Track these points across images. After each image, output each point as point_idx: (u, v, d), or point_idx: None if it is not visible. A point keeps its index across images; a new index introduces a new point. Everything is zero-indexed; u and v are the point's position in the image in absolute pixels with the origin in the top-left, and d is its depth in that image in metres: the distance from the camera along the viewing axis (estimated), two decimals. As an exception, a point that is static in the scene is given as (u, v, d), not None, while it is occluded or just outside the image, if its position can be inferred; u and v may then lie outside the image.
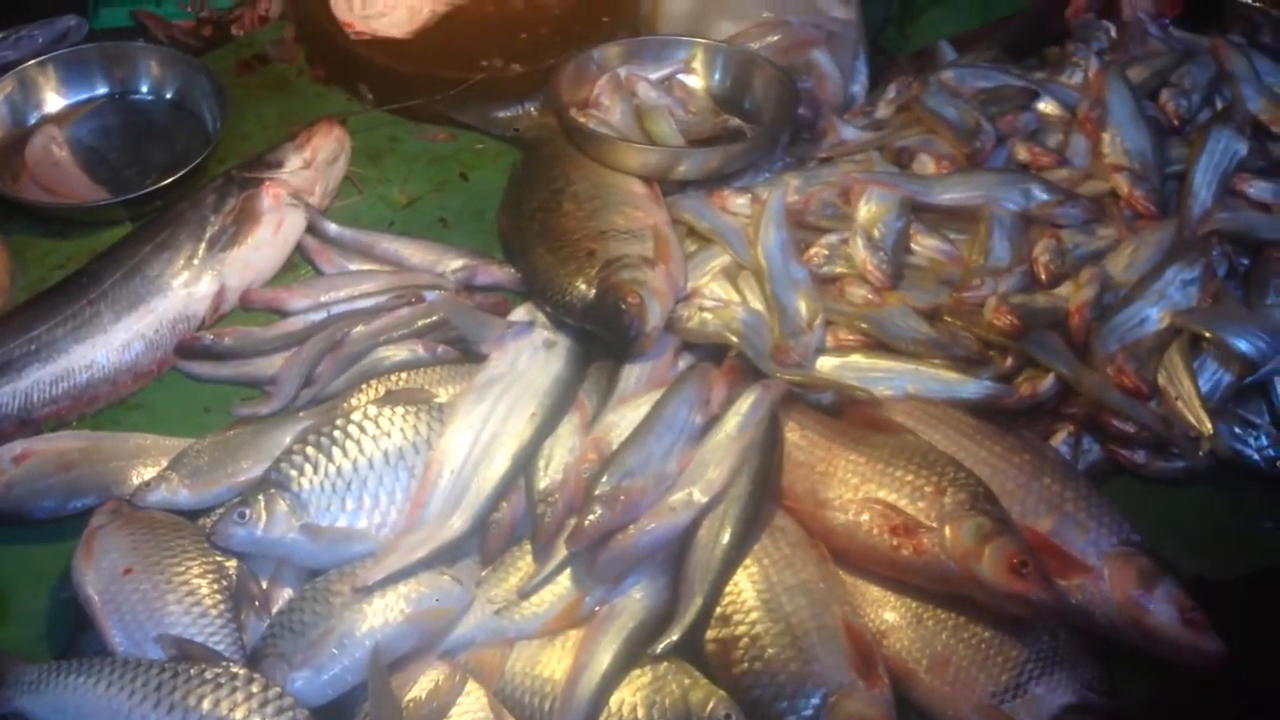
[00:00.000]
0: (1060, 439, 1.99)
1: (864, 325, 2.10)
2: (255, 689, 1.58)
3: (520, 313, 2.15)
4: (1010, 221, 2.22)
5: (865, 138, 2.46)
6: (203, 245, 2.23)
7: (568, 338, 2.07)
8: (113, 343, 2.11)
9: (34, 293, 2.21)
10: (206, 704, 1.55)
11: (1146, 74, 2.58)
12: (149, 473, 1.91)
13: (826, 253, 2.22)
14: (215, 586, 1.75)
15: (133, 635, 1.68)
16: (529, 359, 2.03)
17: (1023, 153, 2.41)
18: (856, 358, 2.08)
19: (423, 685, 1.69)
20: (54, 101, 2.60)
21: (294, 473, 1.81)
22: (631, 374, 2.05)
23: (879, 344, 2.09)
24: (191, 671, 1.59)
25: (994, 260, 2.16)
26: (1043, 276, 2.14)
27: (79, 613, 1.75)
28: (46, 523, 1.90)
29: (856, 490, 1.82)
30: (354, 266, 2.33)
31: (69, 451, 1.95)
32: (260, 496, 1.78)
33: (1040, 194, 2.27)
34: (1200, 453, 1.96)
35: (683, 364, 2.10)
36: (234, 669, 1.61)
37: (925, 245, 2.24)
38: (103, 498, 1.88)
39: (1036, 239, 2.20)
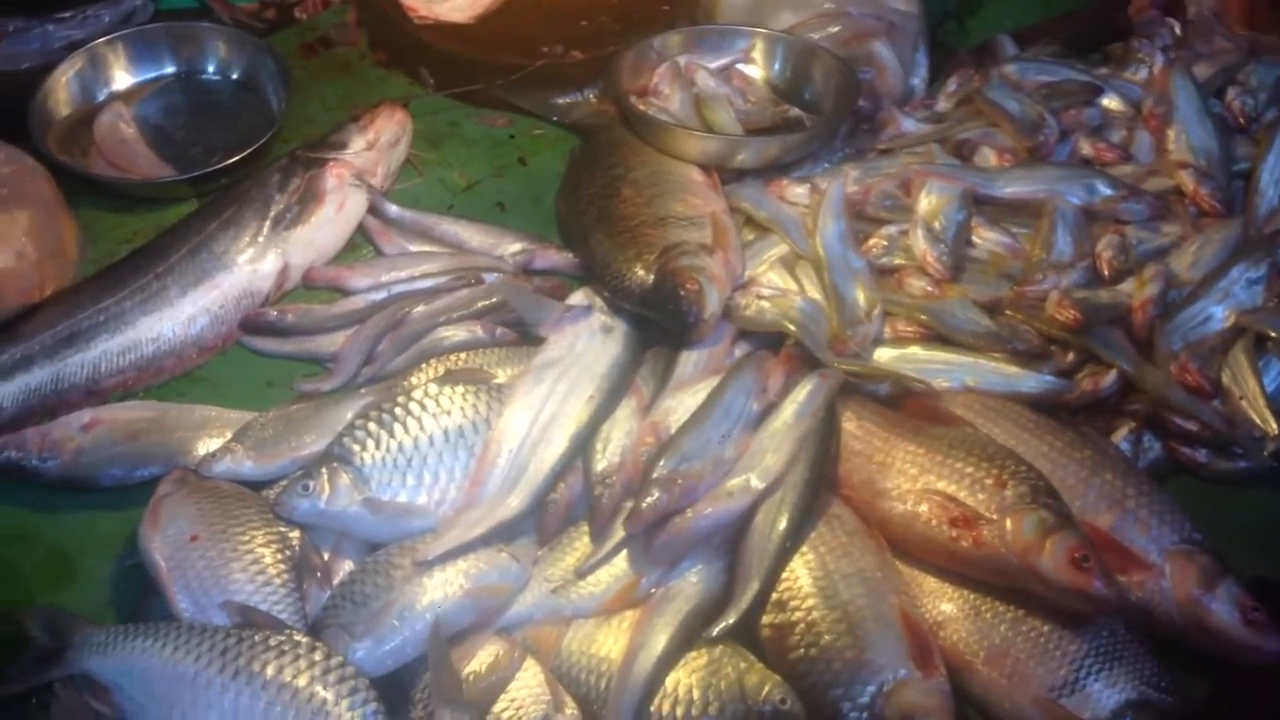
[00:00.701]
0: (1121, 436, 1.98)
1: (923, 317, 2.09)
2: (318, 657, 1.60)
3: (578, 297, 2.16)
4: (1073, 216, 2.21)
5: (926, 130, 2.46)
6: (268, 223, 2.25)
7: (625, 323, 2.08)
8: (179, 316, 2.14)
9: (102, 266, 2.24)
10: (270, 670, 1.58)
11: (1212, 71, 2.56)
12: (214, 444, 1.94)
13: (885, 244, 2.22)
14: (279, 556, 1.77)
15: (198, 601, 1.71)
16: (587, 343, 2.04)
17: (1086, 148, 2.39)
18: (915, 349, 2.07)
19: (481, 659, 1.71)
20: (122, 79, 2.63)
21: (356, 447, 1.83)
22: (689, 360, 2.05)
23: (938, 336, 2.08)
24: (256, 638, 1.61)
25: (1056, 254, 2.15)
26: (1106, 272, 2.13)
27: (145, 579, 1.78)
28: (113, 490, 1.93)
29: (915, 481, 1.82)
30: (414, 248, 2.35)
31: (136, 421, 1.98)
32: (324, 470, 1.80)
33: (1104, 189, 2.25)
34: (1264, 453, 1.94)
35: (738, 352, 2.10)
36: (297, 637, 1.63)
37: (986, 238, 2.22)
38: (169, 467, 1.91)
39: (1100, 234, 2.18)
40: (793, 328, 2.05)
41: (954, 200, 2.22)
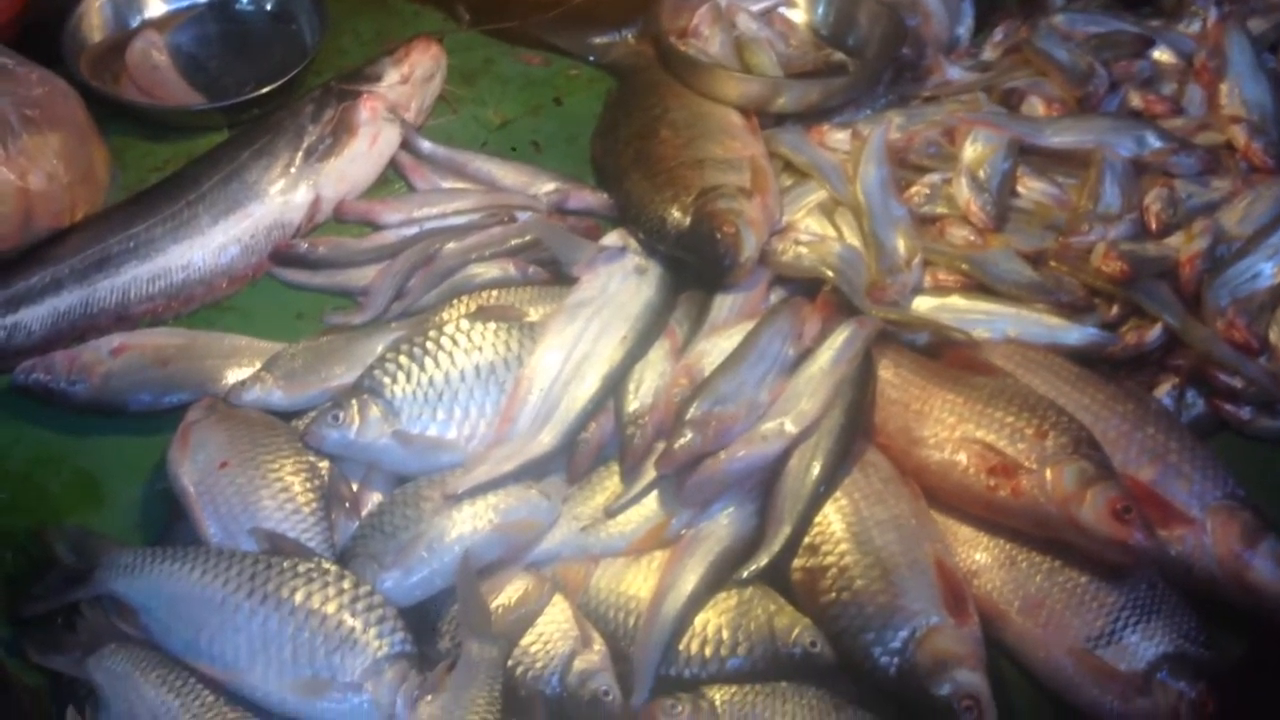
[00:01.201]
0: (1164, 391, 1.95)
1: (964, 266, 2.06)
2: (346, 585, 1.59)
3: (612, 238, 2.13)
4: (1122, 168, 2.17)
5: (972, 78, 2.41)
6: (300, 154, 2.23)
7: (659, 265, 2.05)
8: (209, 245, 2.12)
9: (133, 193, 2.22)
10: (299, 596, 1.57)
11: (1267, 26, 2.50)
12: (243, 373, 1.93)
13: (928, 192, 2.18)
14: (308, 485, 1.76)
15: (227, 527, 1.70)
16: (620, 284, 2.01)
17: (1136, 100, 2.35)
18: (955, 299, 2.04)
19: (509, 593, 1.70)
20: (156, 7, 2.60)
21: (387, 380, 1.82)
22: (724, 304, 2.02)
23: (979, 286, 2.05)
24: (284, 564, 1.60)
25: (1104, 206, 2.11)
26: (1153, 225, 2.09)
27: (172, 504, 1.77)
28: (142, 415, 1.92)
29: (953, 429, 1.79)
30: (446, 185, 2.33)
31: (166, 347, 1.97)
32: (354, 401, 1.79)
33: (1154, 141, 2.21)
34: (1310, 411, 1.91)
35: (774, 298, 2.07)
36: (325, 565, 1.62)
37: (1032, 188, 2.19)
38: (198, 394, 1.90)
39: (1148, 187, 2.14)
40: (830, 274, 2.02)
41: (1000, 149, 2.18)
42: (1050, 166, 2.23)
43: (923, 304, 2.04)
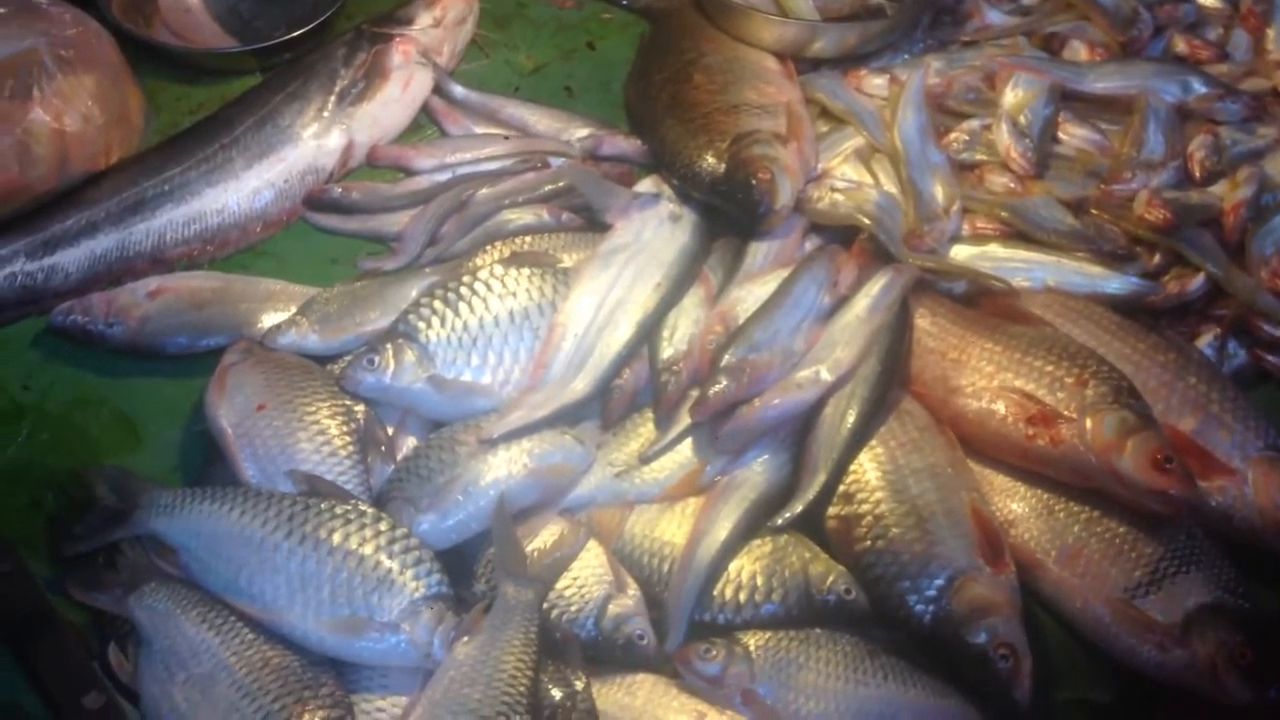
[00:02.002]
0: (1205, 341, 1.93)
1: (1004, 214, 2.04)
2: (383, 527, 1.60)
3: (646, 184, 2.12)
4: (1166, 114, 2.13)
5: (1012, 22, 2.36)
6: (333, 98, 2.21)
7: (694, 212, 2.04)
8: (244, 189, 2.12)
9: (167, 136, 2.22)
10: (336, 537, 1.58)
11: (1317, -30, 2.44)
12: (279, 316, 1.93)
13: (967, 138, 2.15)
14: (344, 429, 1.76)
15: (264, 469, 1.71)
16: (654, 230, 2.00)
17: (1181, 44, 2.31)
18: (994, 247, 2.02)
19: (544, 537, 1.71)
20: (188, -50, 2.58)
21: (422, 325, 1.82)
22: (758, 251, 2.01)
23: (1018, 234, 2.03)
24: (322, 506, 1.61)
25: (1147, 153, 2.08)
26: (1197, 173, 2.06)
27: (210, 446, 1.79)
28: (179, 358, 1.93)
29: (991, 378, 1.78)
30: (479, 130, 2.31)
31: (202, 290, 1.97)
32: (389, 345, 1.80)
33: (1199, 87, 2.17)
34: (1354, 363, 1.88)
35: (809, 246, 2.05)
36: (362, 507, 1.63)
37: (1073, 134, 2.16)
38: (234, 337, 1.90)
39: (1192, 134, 2.12)
40: (867, 221, 2.00)
41: (1041, 94, 2.15)
42: (1092, 112, 2.19)
43: (961, 252, 2.02)
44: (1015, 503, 1.75)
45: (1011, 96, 2.15)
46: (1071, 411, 1.69)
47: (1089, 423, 1.67)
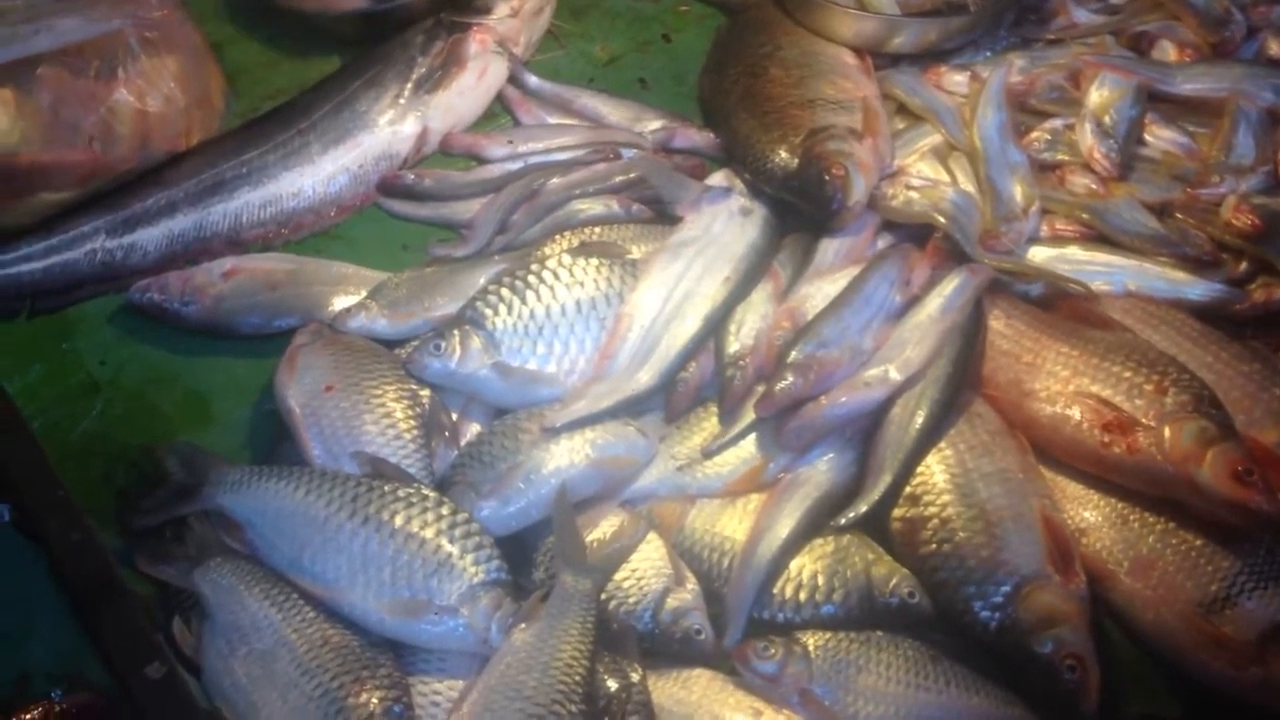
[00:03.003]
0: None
1: (1084, 216, 2.00)
2: (445, 512, 1.61)
3: (718, 178, 2.11)
4: (1257, 117, 2.08)
5: (1099, 20, 2.32)
6: (409, 85, 2.23)
7: (764, 206, 2.02)
8: (319, 173, 2.14)
9: (246, 119, 2.25)
10: (399, 520, 1.59)
11: None
12: (349, 300, 1.94)
13: (1049, 138, 2.11)
14: (409, 413, 1.77)
15: (330, 449, 1.72)
16: (724, 224, 1.98)
17: (1274, 47, 2.25)
18: (1073, 250, 1.98)
19: (605, 528, 1.70)
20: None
21: (489, 312, 1.82)
22: (829, 248, 1.99)
23: (1099, 237, 1.99)
24: (385, 488, 1.62)
25: (1236, 157, 2.04)
26: (1289, 178, 2.00)
27: (279, 425, 1.80)
28: (251, 338, 1.96)
29: (1067, 383, 1.74)
30: (552, 120, 2.31)
31: (275, 272, 2.00)
32: (456, 331, 1.80)
33: (1293, 89, 2.11)
34: None
35: (881, 244, 2.03)
36: (425, 491, 1.64)
37: (1160, 137, 2.11)
38: (305, 319, 1.92)
39: (1285, 139, 2.06)
40: (942, 220, 1.97)
41: (1127, 95, 2.11)
42: (1180, 115, 2.15)
43: (1038, 254, 1.98)
44: (1088, 511, 1.71)
45: (1096, 96, 2.11)
46: (1150, 419, 1.65)
47: (1167, 431, 1.63)
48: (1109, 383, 1.71)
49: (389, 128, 2.20)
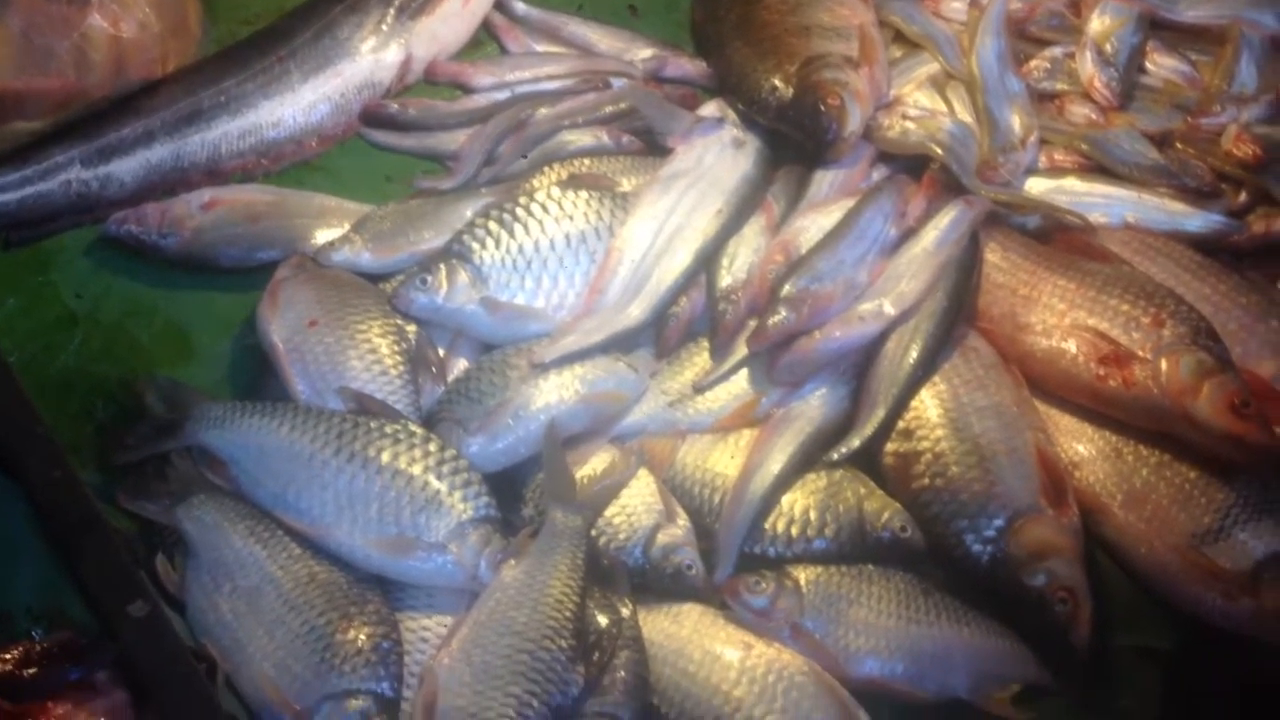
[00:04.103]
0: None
1: (1083, 146, 1.98)
2: (433, 448, 1.59)
3: (710, 108, 2.06)
4: (1260, 45, 2.06)
5: (1101, -54, 2.26)
6: (391, 11, 2.16)
7: (757, 137, 1.99)
8: (300, 102, 2.08)
9: (223, 46, 2.18)
10: (385, 456, 1.57)
11: None
12: (333, 233, 1.91)
13: (1048, 66, 2.09)
14: (395, 348, 1.74)
15: (315, 385, 1.70)
16: (716, 156, 1.95)
17: (1280, -26, 2.20)
18: (1071, 180, 1.96)
19: (595, 464, 1.69)
20: None
21: (476, 245, 1.80)
22: (824, 180, 1.95)
23: (1098, 168, 1.97)
24: (371, 424, 1.60)
25: (1238, 86, 2.02)
26: (1292, 107, 1.98)
27: (261, 360, 1.78)
28: (231, 271, 1.92)
29: (1063, 316, 1.73)
30: (540, 48, 2.26)
31: (256, 204, 1.95)
32: (442, 265, 1.78)
33: (1297, 16, 2.08)
34: None
35: (876, 176, 1.99)
36: (412, 427, 1.62)
37: (1161, 65, 2.09)
38: (287, 252, 1.88)
39: (1288, 67, 2.03)
40: (939, 151, 1.94)
41: (1129, 22, 2.08)
42: (1182, 42, 2.12)
43: (1036, 185, 1.96)
44: (1082, 444, 1.71)
45: (1098, 23, 2.08)
46: (1146, 352, 1.65)
47: (1164, 364, 1.63)
48: (1105, 315, 1.70)
49: (371, 55, 2.14)
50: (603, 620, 1.53)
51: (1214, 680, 1.63)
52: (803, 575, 1.59)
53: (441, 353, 1.80)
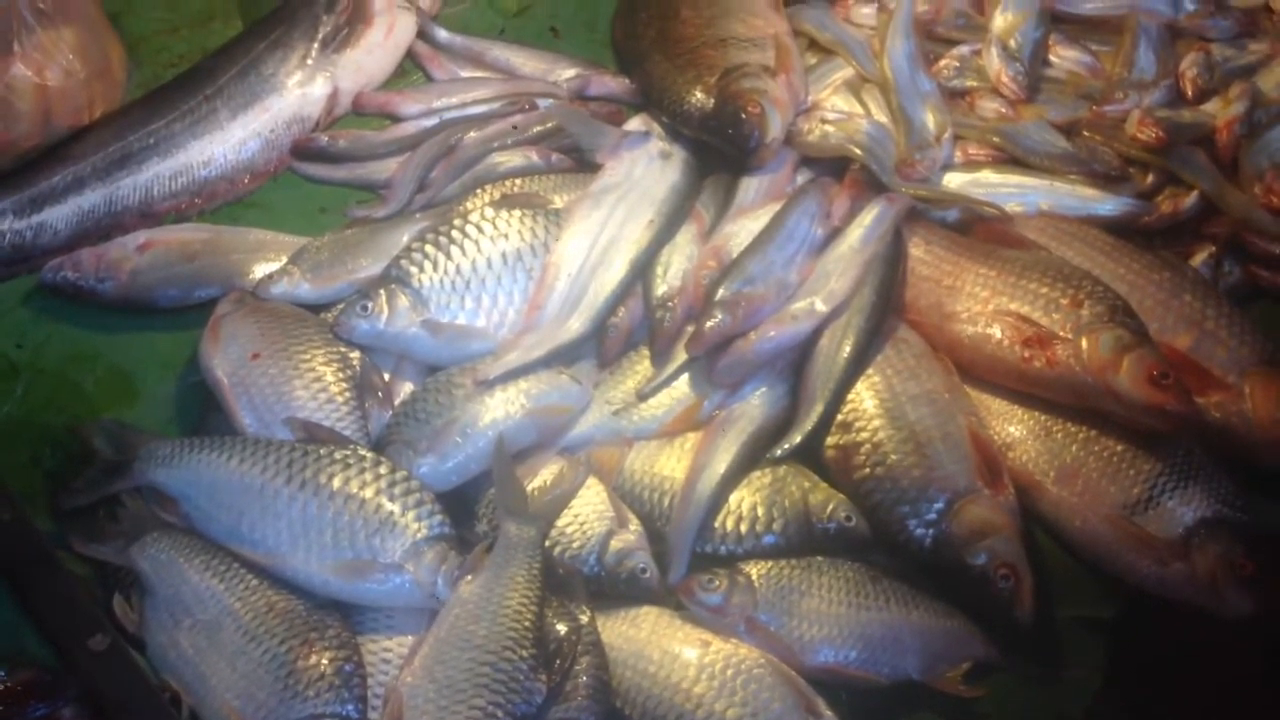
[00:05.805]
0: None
1: (995, 140, 2.03)
2: (383, 471, 1.60)
3: (635, 123, 2.09)
4: (1157, 32, 2.12)
5: (1001, -54, 2.33)
6: (315, 45, 2.19)
7: (684, 149, 2.02)
8: (229, 140, 2.10)
9: (149, 89, 2.19)
10: (337, 482, 1.58)
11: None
12: (270, 267, 1.92)
13: (957, 65, 2.14)
14: (340, 375, 1.76)
15: (261, 417, 1.71)
16: (645, 168, 1.98)
17: (1168, -37, 2.28)
18: (986, 173, 2.02)
19: (545, 476, 1.71)
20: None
21: (414, 269, 1.82)
22: (750, 186, 2.00)
23: (1011, 159, 2.03)
24: (321, 452, 1.61)
25: (1138, 73, 2.08)
26: (1189, 91, 2.05)
27: (207, 397, 1.79)
28: (171, 311, 1.93)
29: (986, 303, 1.78)
30: (465, 74, 2.28)
31: (192, 243, 1.96)
32: (382, 291, 1.79)
33: (1189, 4, 2.17)
34: (1350, 277, 1.88)
35: (800, 179, 2.04)
36: (361, 452, 1.63)
37: (1064, 57, 2.15)
38: (226, 288, 1.90)
39: (1183, 52, 2.11)
40: (858, 152, 1.99)
41: (1031, 17, 2.13)
42: (1083, 34, 2.18)
43: (953, 179, 2.01)
44: (1013, 425, 1.75)
45: (1001, 20, 2.13)
46: (1067, 332, 1.70)
47: (1084, 342, 1.68)
48: (1026, 299, 1.75)
49: (298, 89, 2.16)
50: (562, 628, 1.55)
51: (1155, 645, 1.67)
52: (754, 571, 1.62)
53: (387, 377, 1.81)
